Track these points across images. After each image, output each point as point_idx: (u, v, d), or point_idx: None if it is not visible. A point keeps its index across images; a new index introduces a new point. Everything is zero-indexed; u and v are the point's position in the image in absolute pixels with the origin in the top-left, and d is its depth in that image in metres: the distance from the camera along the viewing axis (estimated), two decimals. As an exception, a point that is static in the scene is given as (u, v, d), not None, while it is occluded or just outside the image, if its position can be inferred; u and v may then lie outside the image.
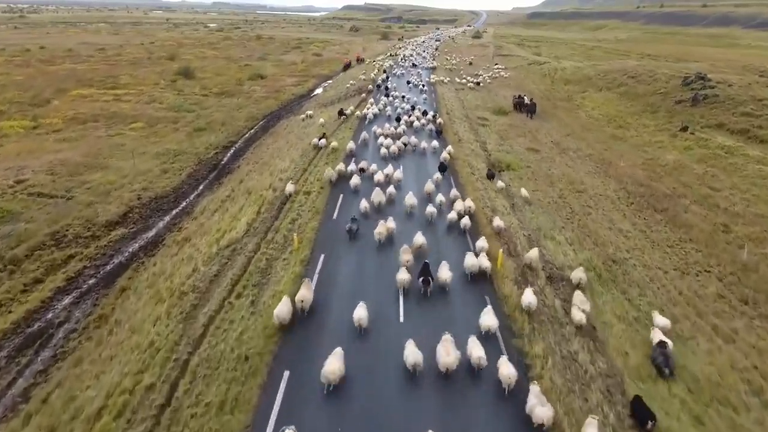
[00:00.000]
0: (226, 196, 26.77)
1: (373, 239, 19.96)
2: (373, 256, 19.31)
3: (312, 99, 62.15)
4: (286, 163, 30.19)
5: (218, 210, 24.89)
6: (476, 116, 50.05)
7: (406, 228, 21.34)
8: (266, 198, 24.55)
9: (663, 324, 15.81)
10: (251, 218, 22.10)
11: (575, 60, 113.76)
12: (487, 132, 43.96)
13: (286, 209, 23.14)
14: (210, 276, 17.34)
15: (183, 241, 21.74)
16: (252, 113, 52.87)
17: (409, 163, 33.18)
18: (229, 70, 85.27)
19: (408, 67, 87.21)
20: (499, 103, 57.89)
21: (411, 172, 30.50)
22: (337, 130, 42.24)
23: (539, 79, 75.50)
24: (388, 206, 24.22)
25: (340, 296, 16.22)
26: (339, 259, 18.60)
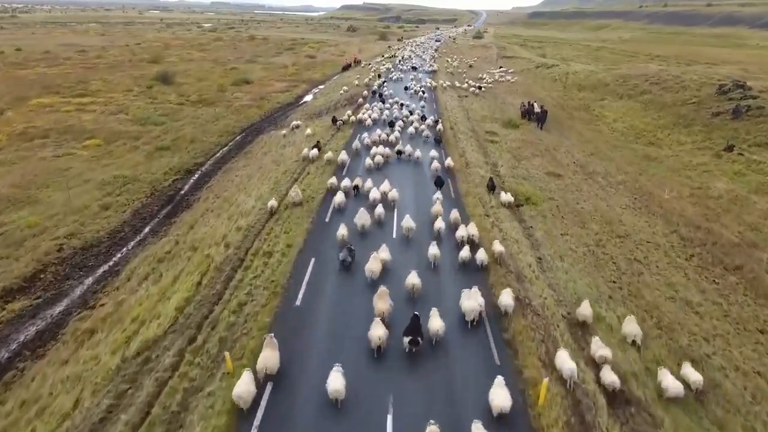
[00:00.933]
0: (165, 253, 20.44)
1: (364, 276, 16.74)
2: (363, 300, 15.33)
3: (299, 108, 55.82)
4: (250, 202, 23.84)
5: (149, 276, 18.58)
6: (484, 130, 43.78)
7: (403, 259, 18.45)
8: (214, 260, 18.24)
9: None
10: (185, 297, 15.82)
11: (583, 62, 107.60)
12: (498, 151, 37.67)
13: (236, 281, 16.82)
14: (93, 421, 11.05)
15: (85, 334, 15.42)
16: (229, 126, 46.53)
17: (403, 176, 29.03)
18: (212, 74, 78.91)
19: (407, 70, 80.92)
20: (509, 113, 51.62)
21: (407, 189, 26.81)
22: (330, 139, 36.49)
23: (549, 84, 69.21)
24: (376, 231, 21.16)
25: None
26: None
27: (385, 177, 26.22)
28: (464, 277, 17.88)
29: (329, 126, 40.55)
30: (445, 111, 48.05)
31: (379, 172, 29.10)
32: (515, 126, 45.88)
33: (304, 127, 41.59)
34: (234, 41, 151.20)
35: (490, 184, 28.37)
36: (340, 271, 17.53)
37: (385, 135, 36.10)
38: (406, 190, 26.30)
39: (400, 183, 26.79)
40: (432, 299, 16.00)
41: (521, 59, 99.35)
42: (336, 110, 48.42)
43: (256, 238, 19.88)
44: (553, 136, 43.80)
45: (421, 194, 26.89)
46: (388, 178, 25.98)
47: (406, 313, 14.40)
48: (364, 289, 16.22)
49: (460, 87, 66.45)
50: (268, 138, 41.26)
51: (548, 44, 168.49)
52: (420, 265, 17.93)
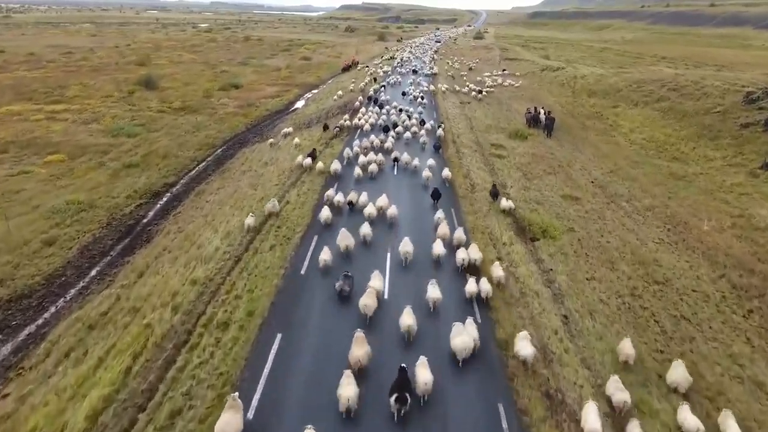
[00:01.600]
0: (100, 315, 16.36)
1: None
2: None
3: (288, 117, 51.74)
4: (214, 242, 19.81)
5: (72, 353, 14.50)
6: (489, 142, 39.77)
7: (398, 290, 16.69)
8: (154, 333, 14.21)
9: None
10: (105, 394, 11.80)
11: (589, 63, 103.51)
12: (506, 167, 33.67)
13: (177, 369, 12.77)
14: None
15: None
16: (210, 138, 42.47)
17: (399, 188, 27.04)
18: (200, 78, 74.86)
19: (405, 73, 76.88)
20: (515, 122, 47.62)
21: (403, 203, 24.56)
22: (324, 148, 33.19)
23: (557, 89, 65.17)
24: (366, 254, 19.17)
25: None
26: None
27: (382, 189, 24.52)
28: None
29: (319, 138, 36.57)
30: (447, 120, 44.02)
31: (374, 182, 27.40)
32: (523, 137, 41.85)
33: (291, 139, 37.59)
34: (228, 42, 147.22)
35: (493, 191, 27.30)
36: (316, 351, 13.51)
37: (378, 141, 34.38)
38: (402, 205, 23.96)
39: (396, 196, 24.86)
40: (429, 343, 14.25)
41: (525, 61, 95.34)
42: (328, 119, 44.37)
43: (213, 299, 15.85)
44: (565, 149, 39.77)
45: (419, 210, 24.52)
46: (384, 190, 24.22)
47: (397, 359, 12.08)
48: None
49: (461, 92, 62.47)
50: (250, 152, 37.20)
51: (550, 45, 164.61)
52: (417, 297, 16.06)
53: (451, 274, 18.57)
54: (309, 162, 29.50)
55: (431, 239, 20.14)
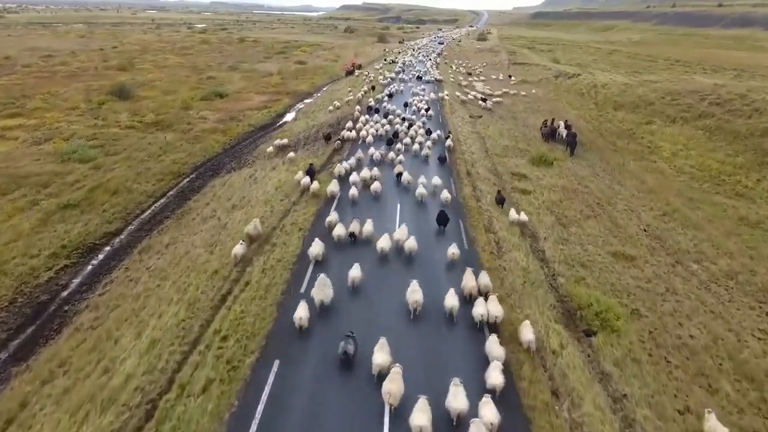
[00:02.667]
0: None
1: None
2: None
3: (275, 133, 45.02)
4: (126, 368, 13.18)
5: None
6: (509, 171, 33.23)
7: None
8: None
9: None
10: None
11: (603, 68, 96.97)
12: (534, 208, 27.11)
13: None
14: None
15: None
16: (177, 163, 35.86)
17: (405, 213, 23.76)
18: (183, 86, 68.28)
19: (409, 79, 70.21)
20: (536, 143, 41.11)
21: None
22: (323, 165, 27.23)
23: (577, 100, 58.56)
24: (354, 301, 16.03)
25: None
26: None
27: (383, 214, 22.67)
28: None
29: (305, 167, 30.00)
30: (459, 143, 37.40)
31: (374, 204, 24.61)
32: (548, 163, 35.24)
33: (270, 170, 31.05)
34: (222, 44, 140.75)
35: (499, 197, 26.26)
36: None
37: (379, 154, 31.56)
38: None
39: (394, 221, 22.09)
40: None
41: (535, 66, 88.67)
42: (316, 141, 37.85)
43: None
44: (601, 179, 33.18)
45: (424, 241, 20.49)
46: (385, 214, 22.28)
47: None
48: None
49: (469, 101, 56.02)
50: (220, 185, 30.56)
51: (557, 47, 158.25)
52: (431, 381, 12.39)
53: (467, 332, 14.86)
54: (307, 181, 26.20)
55: (441, 284, 16.88)
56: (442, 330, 15.07)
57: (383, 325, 14.69)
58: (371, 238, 19.89)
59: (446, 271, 18.55)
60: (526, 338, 14.64)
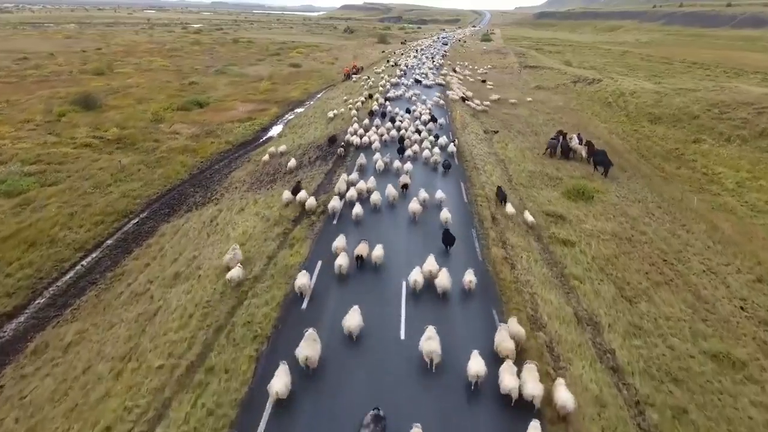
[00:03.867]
0: None
1: None
2: None
3: (254, 153, 37.98)
4: None
5: None
6: (539, 205, 26.29)
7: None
8: None
9: None
10: None
11: (621, 72, 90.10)
12: (582, 266, 20.23)
13: None
14: None
15: None
16: (127, 196, 28.90)
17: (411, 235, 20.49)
18: (161, 92, 61.38)
19: (412, 84, 63.27)
20: (566, 166, 34.15)
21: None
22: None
23: (603, 110, 51.57)
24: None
25: None
26: None
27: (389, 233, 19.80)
28: None
29: (279, 216, 22.99)
30: (476, 170, 30.34)
31: (376, 223, 21.73)
32: (587, 196, 28.26)
33: (238, 209, 24.13)
34: (214, 44, 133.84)
35: (500, 193, 25.39)
36: None
37: (382, 163, 28.71)
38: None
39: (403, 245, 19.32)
40: None
41: (549, 70, 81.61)
42: (300, 169, 30.81)
43: None
44: (658, 221, 26.17)
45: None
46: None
47: None
48: None
49: (480, 110, 49.09)
50: (171, 234, 23.57)
51: (565, 48, 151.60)
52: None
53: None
54: (288, 196, 23.45)
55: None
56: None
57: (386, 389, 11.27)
58: (381, 263, 17.59)
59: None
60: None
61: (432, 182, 27.06)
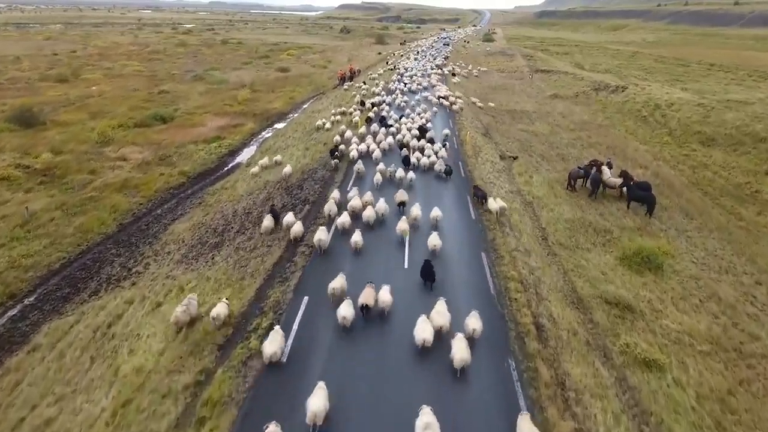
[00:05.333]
0: None
1: None
2: None
3: (210, 191, 29.76)
4: None
5: None
6: (592, 286, 18.29)
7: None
8: None
9: None
10: None
11: (637, 74, 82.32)
12: (684, 422, 12.27)
13: None
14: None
15: None
16: (14, 267, 20.79)
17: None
18: (122, 105, 53.26)
19: (415, 89, 55.12)
20: (612, 209, 26.20)
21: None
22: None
23: (640, 127, 43.55)
24: None
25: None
26: None
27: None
28: None
29: (234, 289, 15.08)
30: (498, 228, 22.19)
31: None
32: (654, 263, 20.27)
33: (151, 307, 16.11)
34: (201, 46, 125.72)
35: (478, 192, 24.00)
36: None
37: (379, 176, 25.54)
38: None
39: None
40: None
41: (563, 75, 73.50)
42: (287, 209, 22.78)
43: None
44: (764, 308, 18.23)
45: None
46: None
47: None
48: None
49: (493, 126, 41.10)
50: (47, 349, 15.44)
51: (572, 48, 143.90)
52: None
53: None
54: (268, 224, 20.20)
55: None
56: None
57: None
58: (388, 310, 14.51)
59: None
60: None
61: (435, 197, 23.64)
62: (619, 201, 27.57)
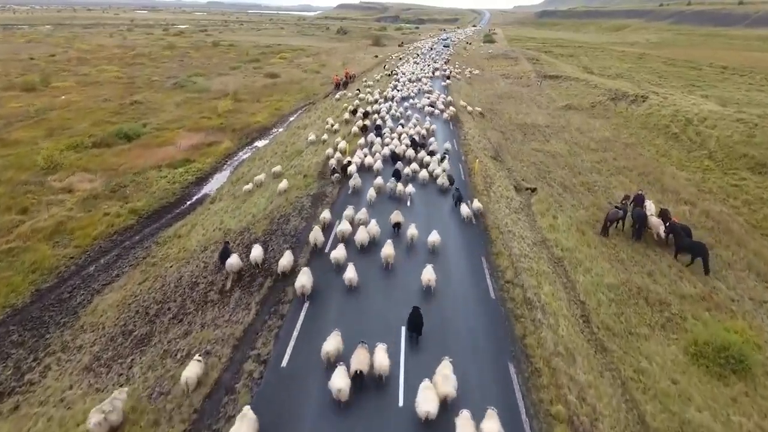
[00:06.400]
0: None
1: None
2: None
3: (157, 241, 23.97)
4: None
5: None
6: (669, 421, 12.74)
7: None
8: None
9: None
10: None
11: (650, 79, 77.01)
12: None
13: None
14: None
15: None
16: None
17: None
18: (86, 119, 47.65)
19: (413, 100, 49.70)
20: (661, 268, 20.66)
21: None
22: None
23: (672, 147, 37.95)
24: None
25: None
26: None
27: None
28: None
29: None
30: (526, 309, 16.52)
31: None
32: (737, 363, 14.76)
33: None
34: (189, 49, 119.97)
35: (457, 194, 23.47)
36: None
37: (373, 193, 23.59)
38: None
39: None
40: None
41: (573, 81, 67.90)
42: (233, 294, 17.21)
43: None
44: None
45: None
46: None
47: None
48: None
49: (500, 142, 35.57)
50: None
51: (576, 50, 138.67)
52: None
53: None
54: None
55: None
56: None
57: None
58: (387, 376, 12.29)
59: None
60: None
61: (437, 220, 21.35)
62: (662, 248, 22.17)
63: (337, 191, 25.43)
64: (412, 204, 23.98)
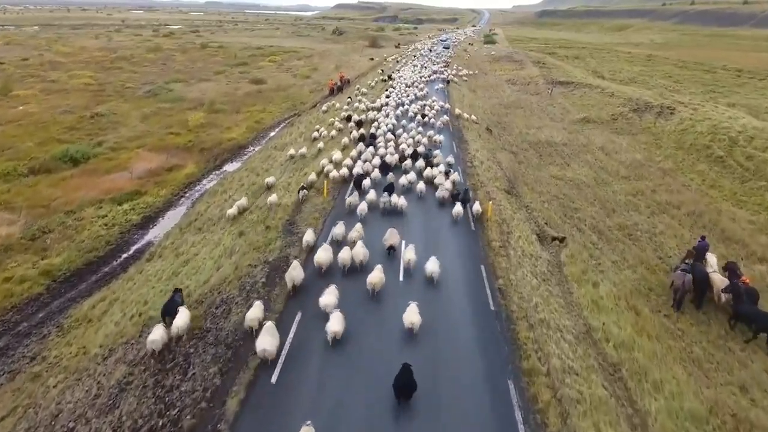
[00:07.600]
0: None
1: None
2: None
3: (67, 320, 17.88)
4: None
5: None
6: None
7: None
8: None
9: None
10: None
11: (666, 84, 71.20)
12: None
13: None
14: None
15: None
16: None
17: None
18: (36, 135, 41.41)
19: (407, 110, 43.48)
20: (751, 368, 14.51)
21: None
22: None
23: (718, 173, 31.79)
24: None
25: None
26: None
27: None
28: None
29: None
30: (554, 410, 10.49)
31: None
32: None
33: None
34: (174, 51, 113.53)
35: (462, 195, 22.58)
36: None
37: (364, 206, 21.52)
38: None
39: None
40: None
41: (587, 88, 61.68)
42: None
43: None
44: None
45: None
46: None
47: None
48: None
49: (513, 167, 29.42)
50: None
51: (581, 51, 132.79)
52: None
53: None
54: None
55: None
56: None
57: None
58: None
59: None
60: None
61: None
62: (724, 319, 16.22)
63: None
64: (407, 220, 21.45)
